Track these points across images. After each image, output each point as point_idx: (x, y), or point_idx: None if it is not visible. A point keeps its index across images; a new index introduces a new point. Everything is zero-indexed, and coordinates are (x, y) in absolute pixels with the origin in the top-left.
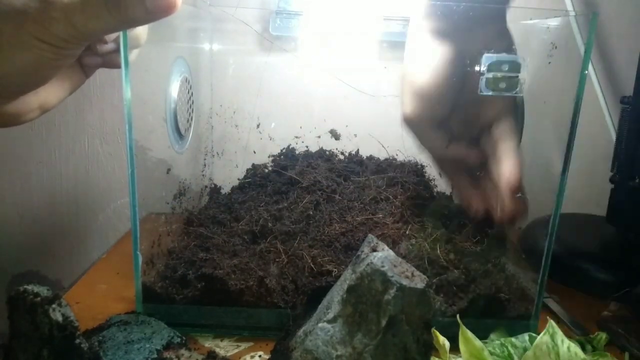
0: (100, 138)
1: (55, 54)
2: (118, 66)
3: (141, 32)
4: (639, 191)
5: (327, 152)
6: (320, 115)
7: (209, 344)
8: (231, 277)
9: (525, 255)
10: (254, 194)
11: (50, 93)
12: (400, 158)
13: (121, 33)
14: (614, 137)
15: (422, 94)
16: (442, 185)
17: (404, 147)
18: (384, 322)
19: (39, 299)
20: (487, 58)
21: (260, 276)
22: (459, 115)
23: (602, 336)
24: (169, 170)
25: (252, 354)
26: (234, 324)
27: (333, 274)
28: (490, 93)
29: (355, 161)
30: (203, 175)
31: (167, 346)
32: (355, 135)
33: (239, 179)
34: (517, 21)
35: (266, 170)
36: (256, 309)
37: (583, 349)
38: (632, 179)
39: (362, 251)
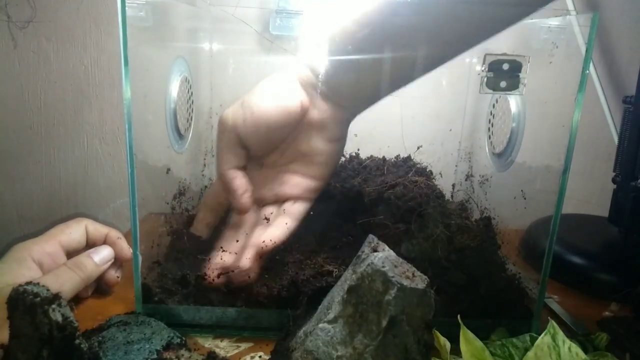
0: (100, 138)
1: None
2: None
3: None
4: None
5: None
6: None
7: (209, 344)
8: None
9: (527, 255)
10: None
11: None
12: (401, 158)
13: (121, 30)
14: (615, 137)
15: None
16: (443, 185)
17: (405, 147)
18: (384, 323)
19: (38, 299)
20: (488, 57)
21: (260, 276)
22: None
23: (603, 337)
24: (168, 170)
25: (252, 354)
26: (234, 324)
27: (333, 274)
28: (490, 92)
29: (357, 162)
30: (203, 175)
31: (167, 346)
32: (356, 135)
33: None
34: None
35: None
36: (256, 309)
37: (584, 349)
38: (634, 179)
39: (363, 251)
